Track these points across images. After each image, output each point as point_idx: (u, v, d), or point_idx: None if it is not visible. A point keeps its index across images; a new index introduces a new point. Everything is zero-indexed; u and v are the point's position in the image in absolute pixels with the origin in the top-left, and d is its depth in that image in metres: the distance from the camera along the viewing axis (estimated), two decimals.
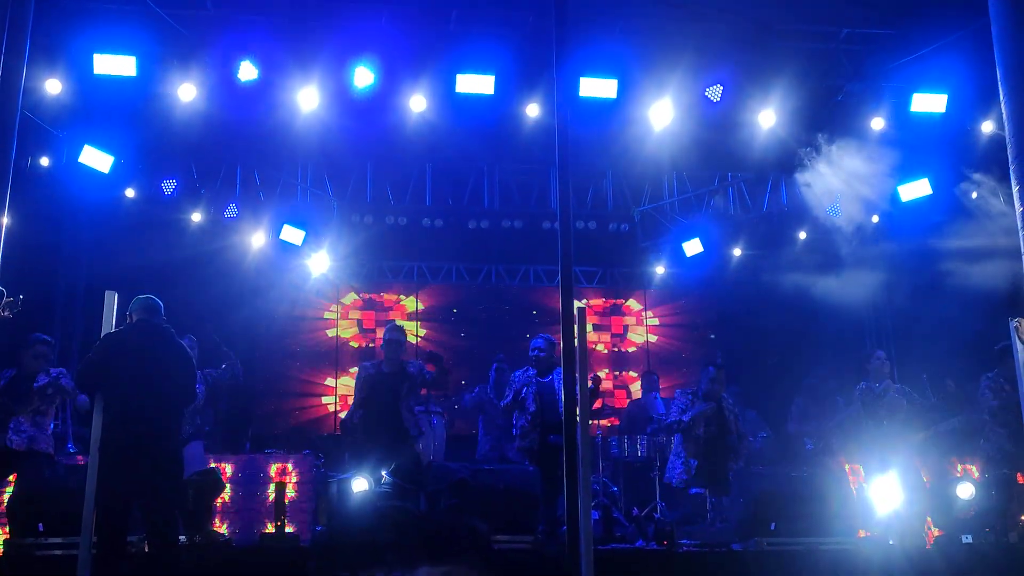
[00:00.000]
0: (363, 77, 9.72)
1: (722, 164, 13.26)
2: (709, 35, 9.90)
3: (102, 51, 9.35)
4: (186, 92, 9.81)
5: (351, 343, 14.39)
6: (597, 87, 9.86)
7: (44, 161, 10.79)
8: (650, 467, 10.51)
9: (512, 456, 10.11)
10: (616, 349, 15.07)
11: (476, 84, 9.85)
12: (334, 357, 14.21)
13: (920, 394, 9.92)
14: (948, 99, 10.34)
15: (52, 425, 8.69)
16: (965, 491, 8.84)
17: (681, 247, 13.50)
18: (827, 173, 11.84)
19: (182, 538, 7.17)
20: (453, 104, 10.14)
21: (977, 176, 11.26)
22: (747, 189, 13.62)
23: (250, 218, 12.59)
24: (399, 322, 12.04)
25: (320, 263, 13.49)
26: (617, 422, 12.72)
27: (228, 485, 8.40)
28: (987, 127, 10.67)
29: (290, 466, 8.64)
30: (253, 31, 9.60)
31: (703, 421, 9.37)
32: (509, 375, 10.10)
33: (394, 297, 14.68)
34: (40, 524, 7.48)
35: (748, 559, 7.78)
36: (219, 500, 8.27)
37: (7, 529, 7.73)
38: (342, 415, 13.34)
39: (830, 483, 8.81)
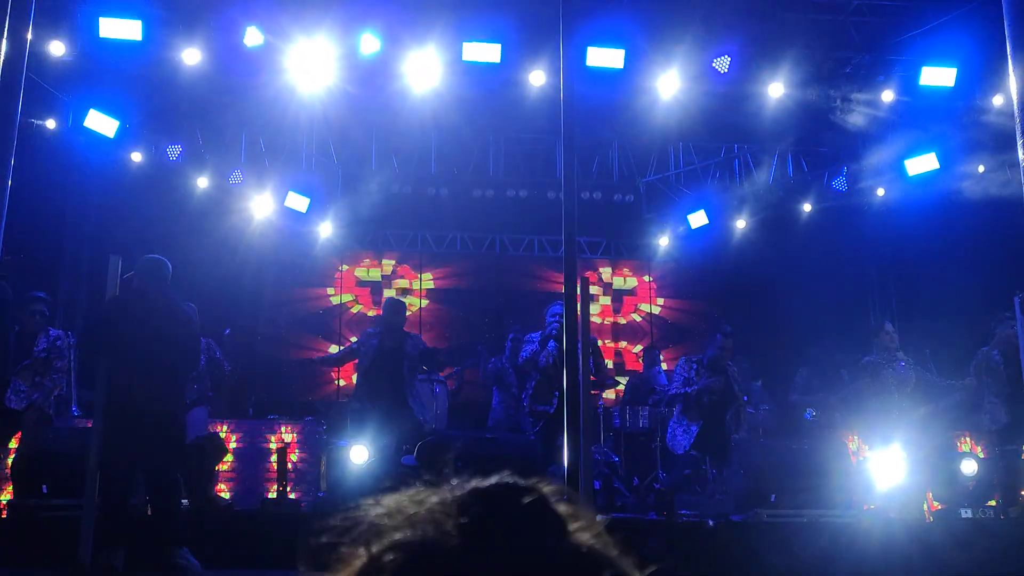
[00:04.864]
0: (369, 44, 9.67)
1: (728, 135, 13.23)
2: (716, 5, 9.84)
3: (108, 14, 9.32)
4: (191, 57, 9.78)
5: (353, 309, 14.41)
6: (604, 57, 9.81)
7: (50, 124, 10.78)
8: (651, 438, 10.54)
9: (526, 427, 10.15)
10: (620, 321, 15.09)
11: (483, 53, 9.80)
12: (337, 324, 14.24)
13: (923, 368, 9.94)
14: (957, 73, 10.28)
15: (50, 385, 8.71)
16: (968, 467, 8.86)
17: (686, 218, 13.49)
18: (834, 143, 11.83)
19: (184, 502, 7.21)
20: (460, 72, 10.10)
21: (984, 150, 11.23)
22: (753, 161, 13.58)
23: (255, 184, 12.58)
24: (396, 295, 12.05)
25: (324, 230, 13.51)
26: (622, 393, 12.73)
27: (230, 450, 8.45)
28: (996, 101, 10.61)
29: (293, 432, 8.68)
30: None
31: (708, 391, 9.35)
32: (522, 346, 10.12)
33: (393, 265, 14.69)
34: (44, 486, 7.53)
35: (747, 530, 7.82)
36: (221, 465, 8.31)
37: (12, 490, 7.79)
38: (341, 382, 13.44)
39: (831, 456, 8.84)
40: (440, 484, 0.90)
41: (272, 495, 8.27)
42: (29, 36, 5.57)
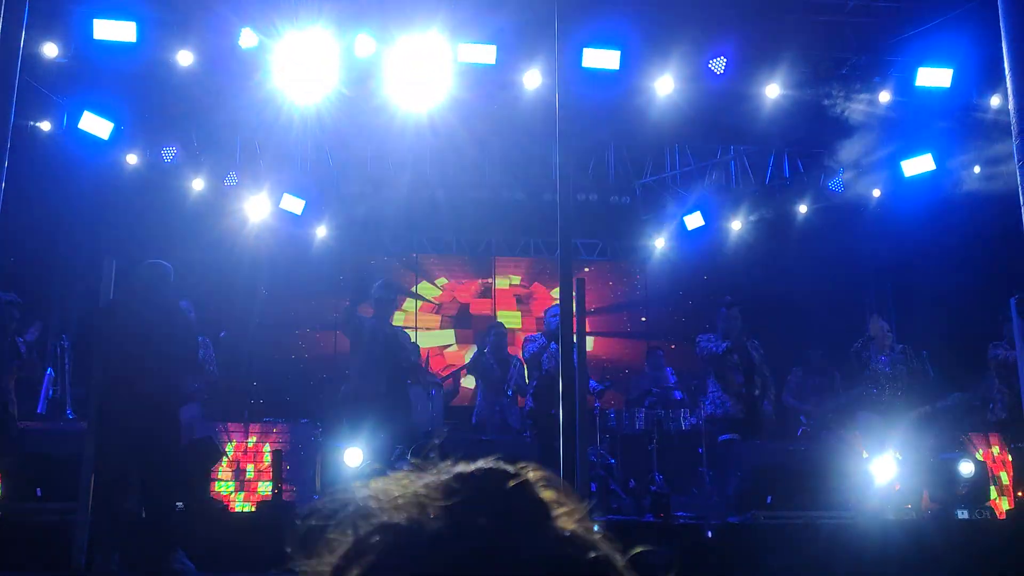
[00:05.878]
0: (364, 46, 9.64)
1: (724, 137, 13.22)
2: (712, 6, 9.83)
3: (102, 16, 9.29)
4: (186, 59, 9.75)
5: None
6: (600, 58, 9.80)
7: (44, 126, 10.75)
8: (648, 440, 10.52)
9: (513, 423, 10.13)
10: (616, 323, 15.08)
11: (478, 54, 9.78)
12: (333, 326, 14.18)
13: (921, 368, 9.92)
14: (953, 74, 10.28)
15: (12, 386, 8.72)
16: (966, 468, 8.86)
17: (682, 220, 13.48)
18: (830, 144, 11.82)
19: (179, 504, 7.19)
20: (455, 74, 10.07)
21: (980, 151, 11.22)
22: (749, 162, 13.57)
23: (250, 186, 12.55)
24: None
25: (320, 232, 13.48)
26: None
27: (225, 452, 8.42)
28: (993, 102, 10.60)
29: (288, 434, 8.65)
30: None
31: (736, 350, 9.46)
32: (506, 340, 10.12)
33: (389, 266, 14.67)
34: (38, 489, 7.50)
35: (744, 532, 7.81)
36: (217, 467, 8.29)
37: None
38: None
39: (827, 457, 8.83)
40: (427, 469, 0.92)
41: (267, 497, 8.25)
42: (23, 38, 5.55)
